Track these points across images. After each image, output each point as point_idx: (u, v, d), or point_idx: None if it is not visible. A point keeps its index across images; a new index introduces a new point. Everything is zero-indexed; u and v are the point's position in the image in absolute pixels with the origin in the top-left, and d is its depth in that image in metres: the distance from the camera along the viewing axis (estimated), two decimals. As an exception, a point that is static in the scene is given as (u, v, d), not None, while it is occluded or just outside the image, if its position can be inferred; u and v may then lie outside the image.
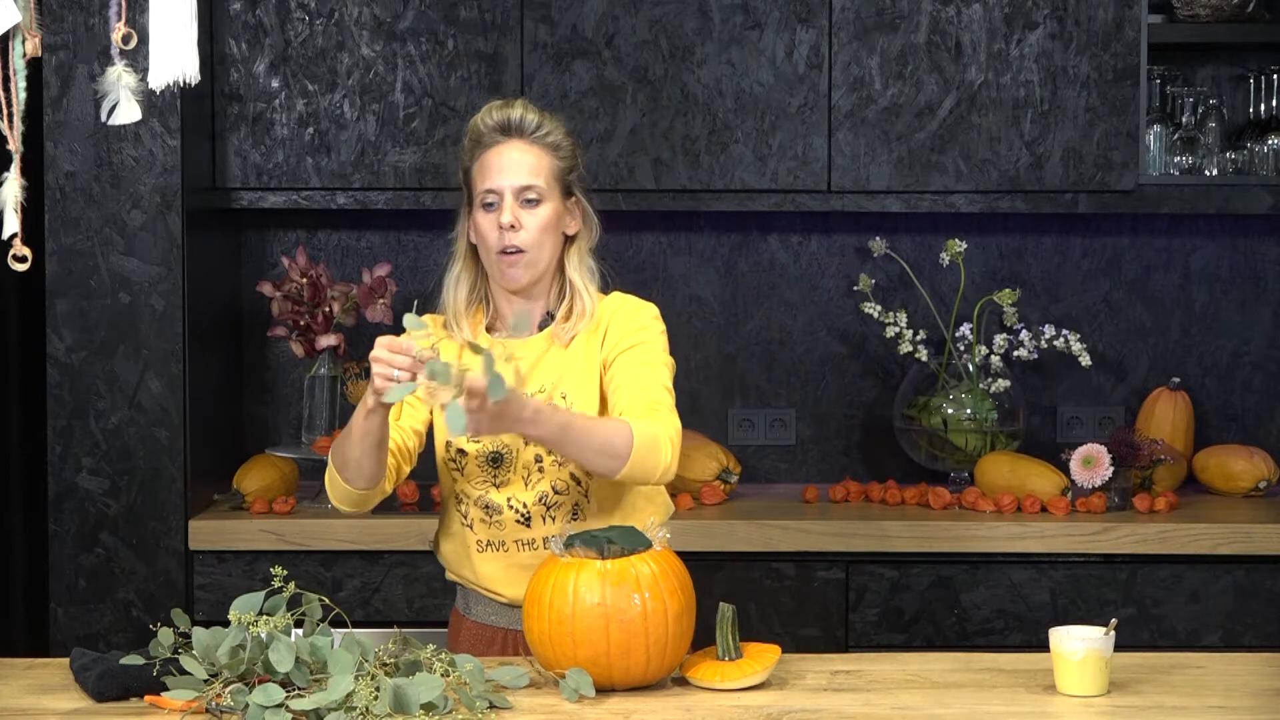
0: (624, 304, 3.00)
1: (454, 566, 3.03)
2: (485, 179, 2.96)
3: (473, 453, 2.93)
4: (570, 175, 3.00)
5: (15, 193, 2.47)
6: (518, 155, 2.95)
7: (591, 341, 2.96)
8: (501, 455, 2.92)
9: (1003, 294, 4.21)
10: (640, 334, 2.95)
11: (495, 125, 2.97)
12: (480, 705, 2.49)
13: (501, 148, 2.96)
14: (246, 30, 4.04)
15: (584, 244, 3.02)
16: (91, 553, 3.83)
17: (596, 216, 3.04)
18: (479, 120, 2.99)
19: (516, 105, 2.99)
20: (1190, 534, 3.88)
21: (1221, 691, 2.67)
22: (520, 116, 2.96)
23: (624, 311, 2.98)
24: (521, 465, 2.91)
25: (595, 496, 2.94)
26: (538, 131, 2.97)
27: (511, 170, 2.94)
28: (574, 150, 3.02)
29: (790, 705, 2.59)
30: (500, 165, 2.95)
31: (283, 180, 4.06)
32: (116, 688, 2.60)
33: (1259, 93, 4.29)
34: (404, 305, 4.35)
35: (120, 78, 2.46)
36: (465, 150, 3.01)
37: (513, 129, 2.96)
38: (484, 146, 2.97)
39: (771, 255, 4.40)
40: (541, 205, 2.95)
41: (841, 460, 4.43)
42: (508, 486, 2.92)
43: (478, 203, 2.97)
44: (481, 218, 2.96)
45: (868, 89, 4.06)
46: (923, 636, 3.90)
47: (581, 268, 3.00)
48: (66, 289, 3.81)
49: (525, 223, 2.93)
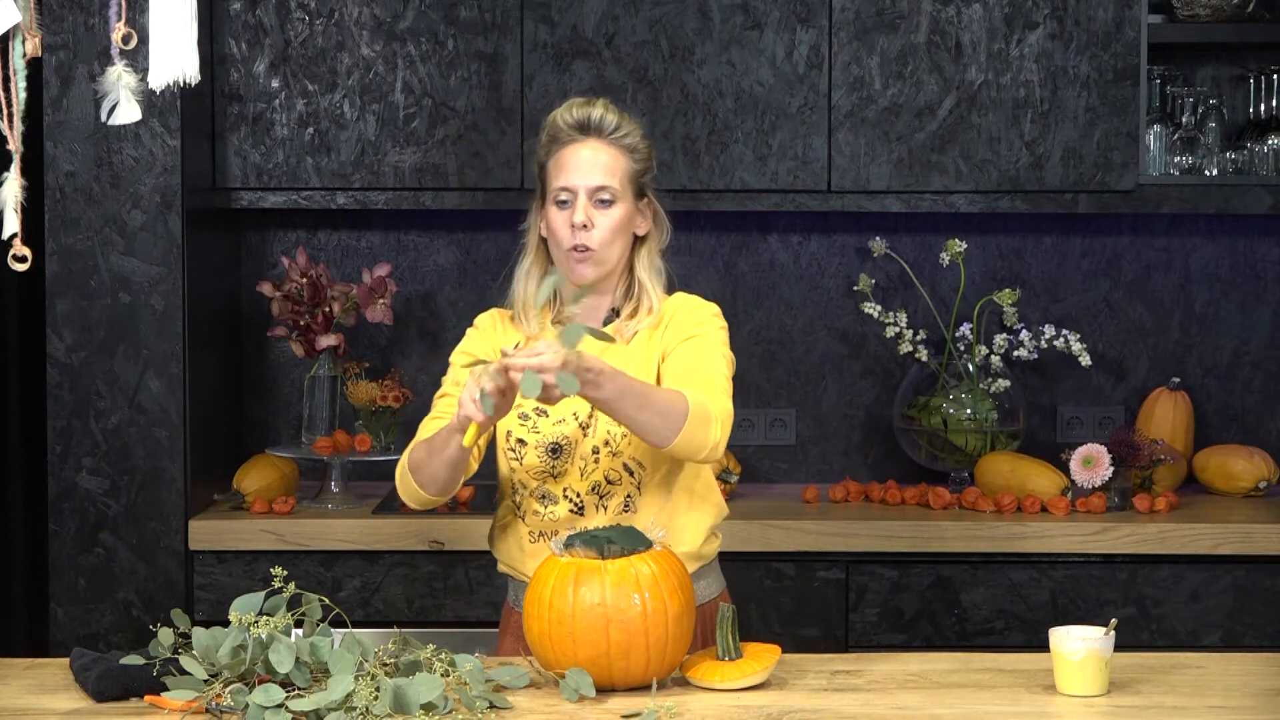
0: (686, 302, 3.04)
1: (506, 558, 3.04)
2: (560, 176, 2.97)
3: (532, 443, 2.94)
4: (644, 177, 3.02)
5: (15, 193, 2.47)
6: (593, 155, 2.97)
7: (653, 338, 3.00)
8: (560, 446, 2.94)
9: (1003, 294, 4.21)
10: (700, 327, 2.99)
11: (574, 123, 2.98)
12: (480, 705, 2.49)
13: (578, 146, 2.97)
14: (246, 30, 4.04)
15: (654, 245, 3.05)
16: (91, 553, 3.83)
17: (668, 219, 3.05)
18: (558, 117, 3.00)
19: (597, 105, 3.00)
20: (1190, 534, 3.89)
21: (1221, 691, 2.67)
22: (600, 116, 2.98)
23: (686, 308, 3.02)
24: (579, 456, 2.93)
25: (646, 488, 2.94)
26: (616, 132, 2.98)
27: (587, 170, 2.96)
28: (649, 153, 3.04)
29: (790, 705, 2.59)
30: (576, 164, 2.97)
31: (283, 180, 4.06)
32: (116, 688, 2.60)
33: (1259, 93, 4.29)
34: (404, 305, 4.35)
35: (120, 78, 2.46)
36: (542, 145, 3.02)
37: (591, 128, 2.98)
38: (560, 144, 2.98)
39: (771, 255, 4.40)
40: (614, 206, 2.97)
41: (841, 460, 4.43)
42: (564, 477, 2.94)
43: (551, 198, 2.99)
44: (554, 214, 2.98)
45: (868, 89, 4.06)
46: (923, 636, 3.90)
47: (650, 268, 3.03)
48: (66, 289, 3.81)
49: (597, 222, 2.95)
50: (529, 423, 2.95)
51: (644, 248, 3.03)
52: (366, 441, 4.08)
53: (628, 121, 3.02)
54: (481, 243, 4.38)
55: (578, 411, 2.93)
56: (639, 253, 3.03)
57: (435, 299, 4.39)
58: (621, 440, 2.92)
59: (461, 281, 4.38)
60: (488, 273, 4.36)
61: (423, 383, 4.34)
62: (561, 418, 2.94)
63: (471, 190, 4.06)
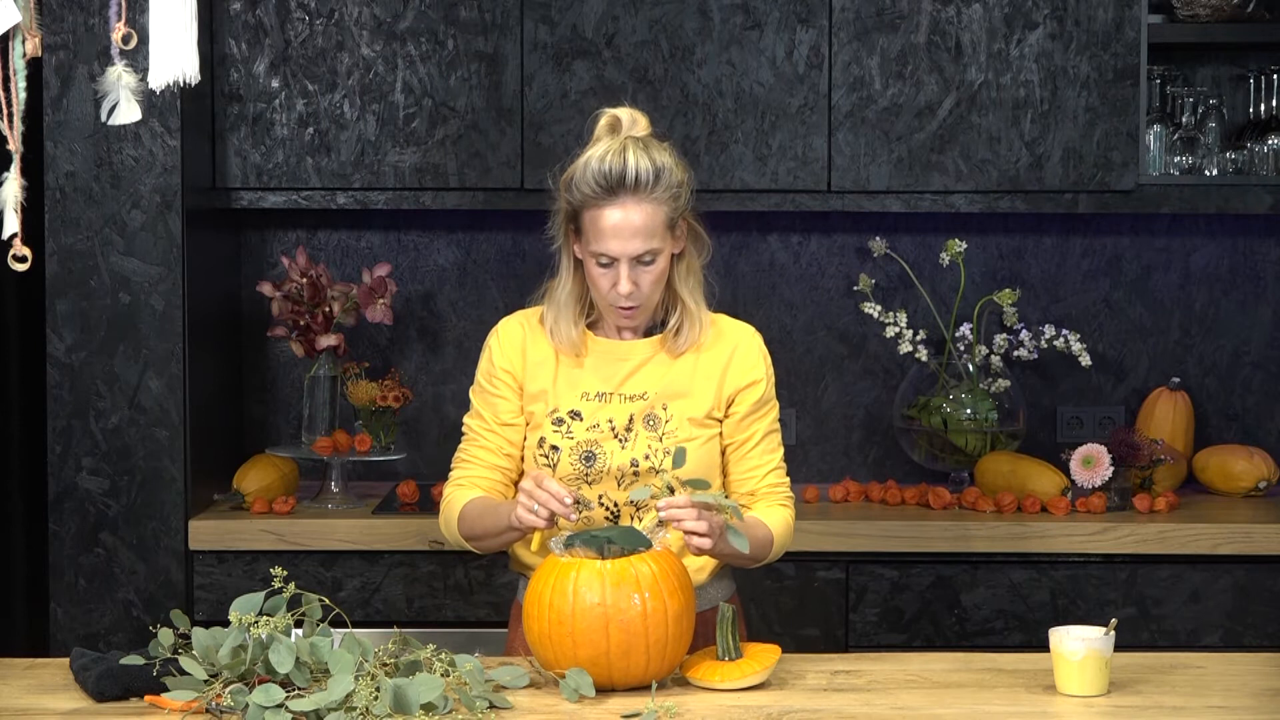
0: (745, 338, 3.01)
1: (525, 559, 3.01)
2: (598, 240, 2.84)
3: (566, 449, 2.93)
4: (682, 209, 2.91)
5: (15, 193, 2.47)
6: (630, 219, 2.83)
7: (709, 364, 2.97)
8: (594, 455, 2.92)
9: (1003, 294, 4.21)
10: (768, 387, 2.99)
11: (606, 184, 2.82)
12: (480, 705, 2.49)
13: (614, 208, 2.83)
14: (246, 30, 4.04)
15: (693, 260, 2.96)
16: (91, 553, 3.83)
17: (707, 234, 2.98)
18: (588, 173, 2.82)
19: (630, 154, 2.82)
20: (1190, 534, 3.89)
21: (1221, 691, 2.67)
22: (634, 172, 2.81)
23: (748, 350, 3.00)
24: (616, 467, 2.91)
25: None
26: (655, 188, 2.83)
27: (626, 238, 2.83)
28: (685, 181, 2.89)
29: (790, 705, 2.59)
30: (615, 230, 2.83)
31: (283, 180, 4.06)
32: (116, 688, 2.60)
33: (1259, 93, 4.29)
34: (404, 305, 4.35)
35: (120, 78, 2.46)
36: (575, 192, 2.85)
37: (626, 187, 2.82)
38: (594, 203, 2.84)
39: (771, 255, 4.40)
40: (657, 260, 2.88)
41: (841, 460, 4.43)
42: (599, 484, 2.93)
43: (589, 251, 2.87)
44: (595, 269, 2.88)
45: (868, 89, 4.06)
46: (923, 636, 3.90)
47: (691, 284, 2.96)
48: (66, 289, 3.81)
49: (640, 282, 2.88)
50: (563, 427, 2.93)
51: (681, 264, 2.95)
52: (366, 441, 4.08)
53: (663, 160, 2.84)
54: (481, 243, 4.38)
55: (614, 419, 2.92)
56: (677, 269, 2.94)
57: (435, 299, 4.39)
58: (665, 459, 2.90)
59: (461, 281, 4.38)
60: (488, 273, 4.36)
61: (423, 383, 4.34)
62: (595, 423, 2.92)
63: (471, 190, 4.06)
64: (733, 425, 2.97)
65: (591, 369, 2.95)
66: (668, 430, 2.92)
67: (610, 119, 2.89)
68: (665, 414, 2.92)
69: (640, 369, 2.95)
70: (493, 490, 2.97)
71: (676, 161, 2.89)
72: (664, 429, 2.92)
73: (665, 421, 2.92)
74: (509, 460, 2.98)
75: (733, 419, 2.97)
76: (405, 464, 4.33)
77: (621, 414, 2.92)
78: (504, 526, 2.85)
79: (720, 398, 2.96)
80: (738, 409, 2.97)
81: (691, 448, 2.91)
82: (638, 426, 2.91)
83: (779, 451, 3.02)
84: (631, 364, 2.95)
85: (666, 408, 2.93)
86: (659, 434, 2.91)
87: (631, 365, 2.95)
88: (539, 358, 2.96)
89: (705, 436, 2.94)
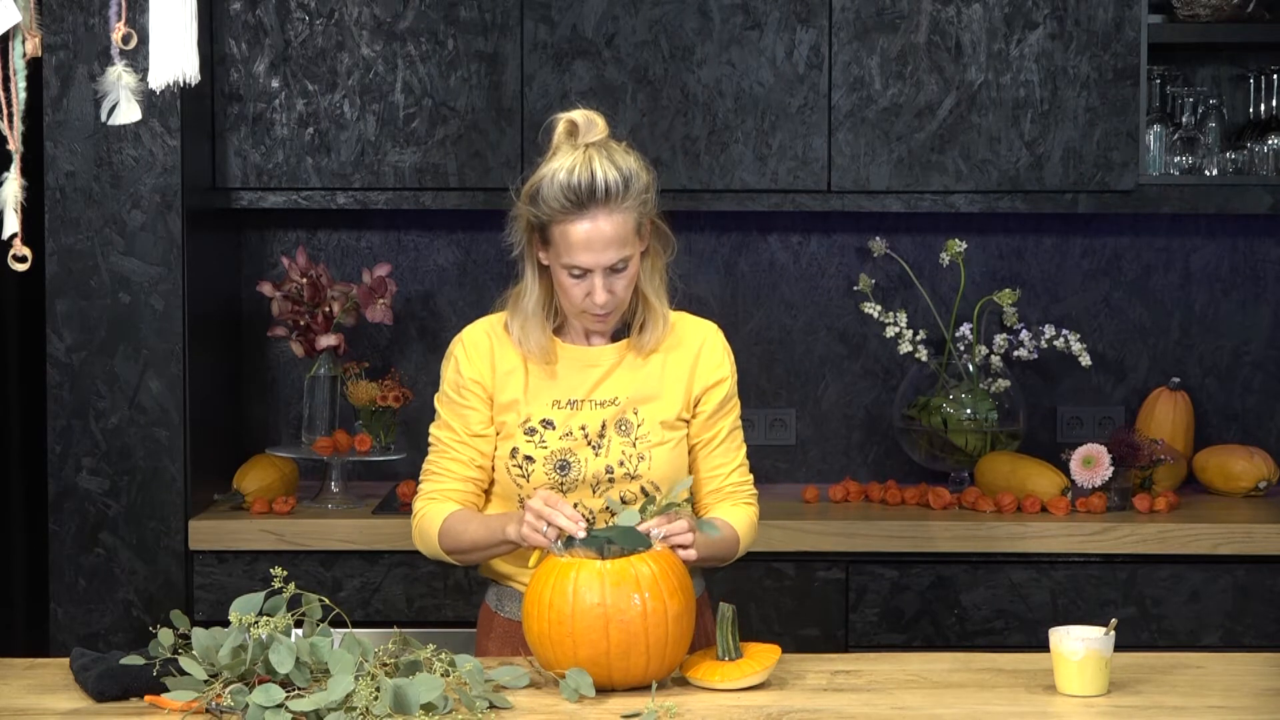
0: (709, 336, 2.99)
1: (497, 567, 3.00)
2: (570, 253, 2.81)
3: (540, 459, 2.91)
4: (649, 212, 2.88)
5: (15, 193, 2.47)
6: (600, 231, 2.80)
7: (675, 364, 2.96)
8: (569, 463, 2.91)
9: (1003, 294, 4.21)
10: (733, 385, 2.99)
11: (575, 199, 2.79)
12: (480, 705, 2.49)
13: (584, 221, 2.79)
14: (246, 30, 4.04)
15: (657, 259, 2.93)
16: (91, 553, 3.83)
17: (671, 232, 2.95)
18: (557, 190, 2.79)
19: (596, 165, 2.79)
20: (1190, 534, 3.89)
21: (1221, 691, 2.67)
22: (603, 185, 2.78)
23: (713, 348, 2.98)
24: (591, 475, 2.91)
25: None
26: (625, 197, 2.80)
27: (599, 249, 2.80)
28: (650, 185, 2.85)
29: (790, 705, 2.59)
30: (587, 242, 2.80)
31: (283, 180, 4.06)
32: (116, 688, 2.60)
33: (1259, 93, 4.29)
34: (403, 305, 4.35)
35: (120, 78, 2.46)
36: (542, 206, 2.81)
37: (596, 200, 2.79)
38: (563, 216, 2.80)
39: (771, 255, 4.40)
40: (629, 265, 2.86)
41: (841, 460, 4.43)
42: (574, 492, 2.91)
43: (560, 263, 2.84)
44: (566, 279, 2.85)
45: (868, 89, 4.06)
46: (923, 636, 3.90)
47: (656, 282, 2.94)
48: (66, 289, 3.81)
49: (614, 289, 2.86)
50: (536, 437, 2.92)
51: (646, 262, 2.92)
52: (366, 441, 4.08)
53: (624, 161, 2.82)
54: (481, 243, 4.38)
55: (586, 426, 2.92)
56: (642, 267, 2.92)
57: (435, 299, 4.39)
58: (639, 464, 2.90)
59: (461, 281, 4.38)
60: (488, 273, 4.36)
61: (423, 383, 4.34)
62: (568, 430, 2.91)
63: (471, 190, 4.06)
64: (699, 424, 2.97)
65: (561, 376, 2.94)
66: (640, 435, 2.91)
67: (567, 124, 2.85)
68: (637, 418, 2.92)
69: (610, 375, 2.94)
70: (465, 503, 2.96)
71: (640, 163, 2.85)
72: (636, 433, 2.91)
73: (637, 426, 2.92)
74: (480, 472, 2.96)
75: (700, 417, 2.97)
76: (405, 464, 4.32)
77: (594, 421, 2.91)
78: (497, 541, 2.84)
79: (689, 398, 2.96)
80: (704, 407, 2.97)
81: (663, 452, 2.92)
82: (610, 433, 2.91)
83: (743, 449, 3.02)
84: (601, 370, 2.94)
85: (638, 412, 2.92)
86: (631, 439, 2.91)
87: (601, 371, 2.94)
88: (508, 367, 2.94)
89: (675, 440, 2.94)
